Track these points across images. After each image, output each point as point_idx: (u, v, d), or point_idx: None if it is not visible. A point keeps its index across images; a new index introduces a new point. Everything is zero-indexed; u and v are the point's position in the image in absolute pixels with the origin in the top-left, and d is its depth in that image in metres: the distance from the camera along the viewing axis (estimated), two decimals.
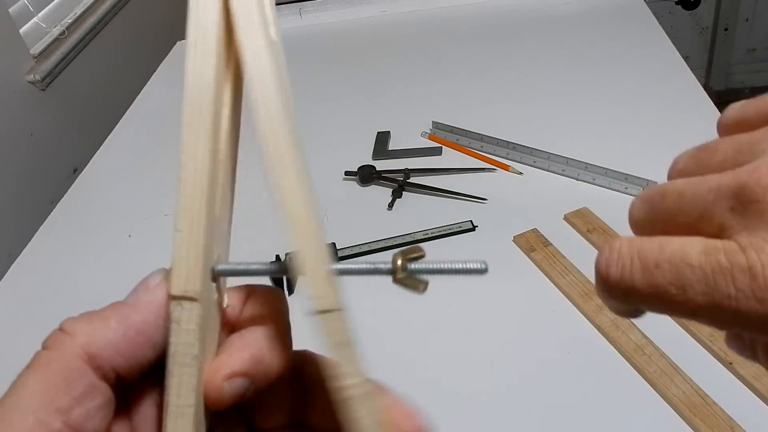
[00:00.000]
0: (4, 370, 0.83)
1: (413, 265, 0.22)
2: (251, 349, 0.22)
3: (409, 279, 0.22)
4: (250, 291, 0.24)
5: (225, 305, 0.24)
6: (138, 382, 0.22)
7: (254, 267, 0.23)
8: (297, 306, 0.23)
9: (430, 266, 0.22)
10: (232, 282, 0.24)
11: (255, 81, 0.21)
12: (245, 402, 0.22)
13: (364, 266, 0.23)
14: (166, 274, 0.22)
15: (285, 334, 0.23)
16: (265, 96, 0.21)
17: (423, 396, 0.68)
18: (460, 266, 0.22)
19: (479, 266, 0.22)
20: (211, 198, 0.21)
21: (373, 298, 0.65)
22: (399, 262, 0.21)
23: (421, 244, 0.77)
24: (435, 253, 0.76)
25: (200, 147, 0.21)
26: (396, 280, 0.21)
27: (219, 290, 0.23)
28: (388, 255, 0.47)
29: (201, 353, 0.21)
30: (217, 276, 0.23)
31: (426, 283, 0.22)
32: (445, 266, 0.22)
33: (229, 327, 0.24)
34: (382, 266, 0.22)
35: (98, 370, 0.21)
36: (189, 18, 0.21)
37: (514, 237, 0.75)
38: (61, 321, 0.23)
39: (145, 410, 0.23)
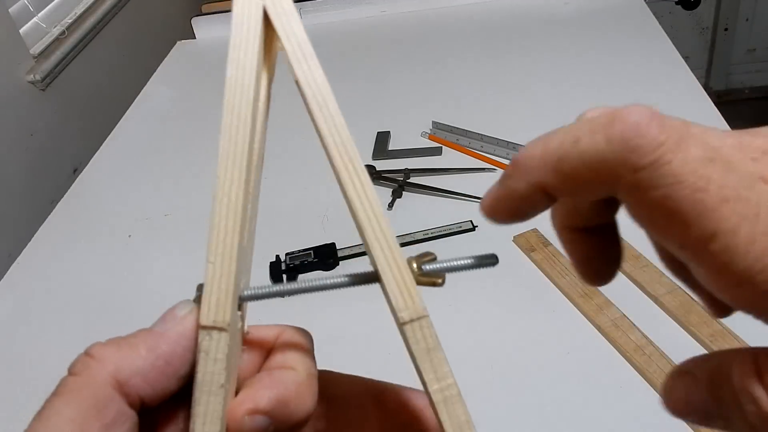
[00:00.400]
0: (5, 369, 0.83)
1: (428, 267, 0.23)
2: (278, 389, 0.22)
3: (427, 278, 0.23)
4: (281, 331, 0.24)
5: (245, 331, 0.24)
6: (159, 408, 0.23)
7: (276, 289, 0.23)
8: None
9: (444, 265, 0.23)
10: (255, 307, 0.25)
11: (317, 112, 0.23)
12: None
13: (348, 280, 0.24)
14: (194, 305, 0.22)
15: (314, 381, 0.23)
16: (330, 121, 0.23)
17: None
18: (472, 261, 0.23)
19: (490, 260, 0.23)
20: (243, 229, 0.22)
21: (373, 299, 0.65)
22: (414, 265, 0.22)
23: (422, 244, 0.77)
24: (435, 252, 0.76)
25: (235, 180, 0.22)
26: (417, 281, 0.22)
27: (242, 317, 0.24)
28: None
29: (227, 381, 0.21)
30: (241, 303, 0.23)
31: (443, 276, 0.23)
32: (458, 263, 0.23)
33: (258, 365, 0.24)
34: (369, 273, 0.23)
35: (126, 397, 0.21)
36: (230, 51, 0.22)
37: (514, 237, 0.75)
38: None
39: None
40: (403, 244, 0.77)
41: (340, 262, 0.76)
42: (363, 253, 0.76)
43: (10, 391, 0.68)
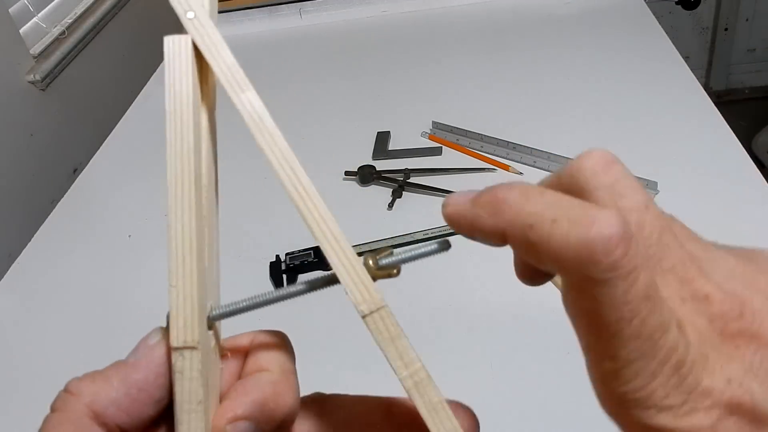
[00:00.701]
0: (5, 369, 0.83)
1: (384, 261, 0.24)
2: (254, 394, 0.23)
3: (382, 271, 0.24)
4: (253, 337, 0.25)
5: (222, 347, 0.25)
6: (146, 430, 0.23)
7: (243, 304, 0.24)
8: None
9: (398, 257, 0.24)
10: (231, 325, 0.25)
11: (257, 131, 0.23)
12: None
13: (301, 288, 0.25)
14: (164, 331, 0.23)
15: (289, 376, 0.24)
16: (269, 137, 0.23)
17: None
18: (425, 250, 0.25)
19: (443, 245, 0.25)
20: (201, 251, 0.23)
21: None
22: (370, 261, 0.24)
23: (421, 245, 0.77)
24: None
25: (185, 206, 0.23)
26: (373, 276, 0.23)
27: (216, 336, 0.25)
28: None
29: (206, 398, 0.22)
30: (211, 323, 0.24)
31: (399, 268, 0.24)
32: (412, 254, 0.24)
33: (236, 375, 0.25)
34: (325, 276, 0.24)
35: (104, 426, 0.22)
36: (166, 87, 0.24)
37: None
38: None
39: None
40: (403, 244, 0.77)
41: None
42: (363, 253, 0.76)
43: (10, 391, 0.68)
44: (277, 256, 0.77)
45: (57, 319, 0.76)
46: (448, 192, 0.84)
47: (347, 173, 0.90)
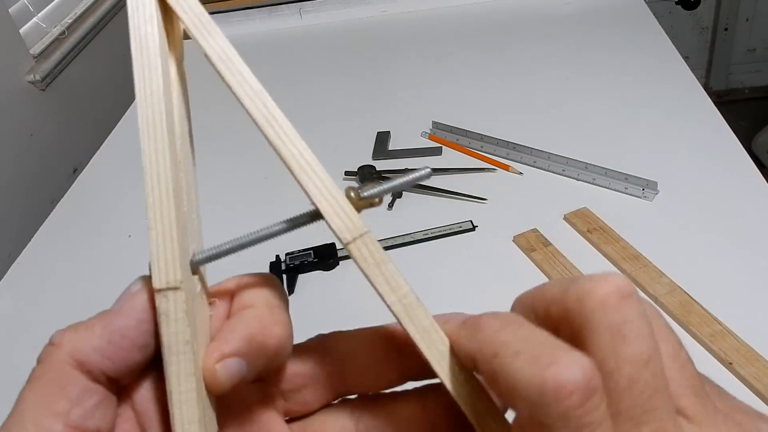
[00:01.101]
0: (5, 369, 0.83)
1: (366, 192, 0.23)
2: (240, 329, 0.23)
3: (364, 201, 0.24)
4: (239, 280, 0.25)
5: (209, 294, 0.25)
6: (139, 380, 0.24)
7: (226, 247, 0.24)
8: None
9: (381, 188, 0.24)
10: (217, 270, 0.25)
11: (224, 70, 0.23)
12: (282, 389, 0.24)
13: (280, 227, 0.24)
14: (146, 280, 0.23)
15: (275, 310, 0.24)
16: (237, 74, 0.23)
17: None
18: (407, 179, 0.24)
19: (423, 172, 0.24)
20: (178, 195, 0.23)
21: (372, 301, 0.64)
22: (352, 194, 0.23)
23: (421, 244, 0.77)
24: (435, 252, 0.76)
25: (159, 149, 0.23)
26: (356, 206, 0.23)
27: (202, 281, 0.25)
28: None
29: (193, 338, 0.22)
30: (196, 267, 0.24)
31: (381, 197, 0.24)
32: (394, 183, 0.24)
33: (225, 319, 0.25)
34: (304, 215, 0.24)
35: (88, 374, 0.22)
36: (131, 34, 0.24)
37: (514, 237, 0.75)
38: (61, 321, 0.24)
39: (148, 406, 0.24)
40: (403, 245, 0.77)
41: (340, 262, 0.76)
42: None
43: (10, 392, 0.68)
44: (277, 256, 0.77)
45: (57, 319, 0.76)
46: (448, 192, 0.84)
47: (347, 173, 0.90)
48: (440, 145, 0.94)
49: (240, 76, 0.23)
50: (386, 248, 0.76)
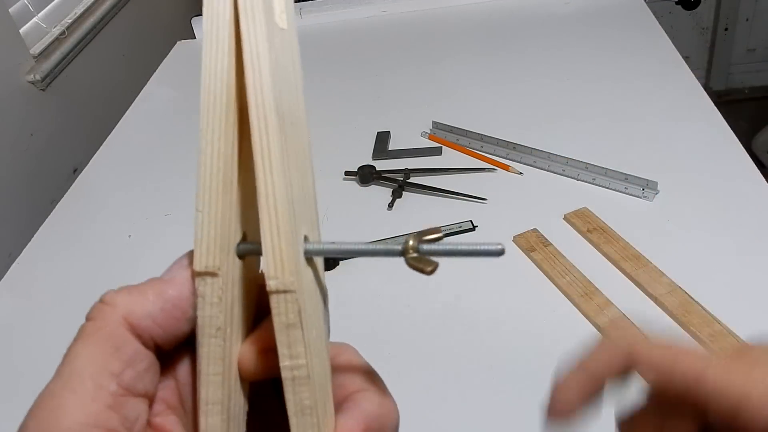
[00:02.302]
0: (6, 369, 0.83)
1: (426, 247, 0.22)
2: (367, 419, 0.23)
3: (418, 260, 0.22)
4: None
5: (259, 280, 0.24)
6: (181, 349, 0.24)
7: (332, 248, 0.23)
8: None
9: (444, 247, 0.22)
10: None
11: (249, 68, 0.22)
12: None
13: (376, 247, 0.23)
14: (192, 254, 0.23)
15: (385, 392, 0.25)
16: (258, 84, 0.22)
17: (422, 397, 0.67)
18: (476, 248, 0.22)
19: (495, 248, 0.21)
20: (230, 178, 0.22)
21: (372, 301, 0.64)
22: (411, 242, 0.21)
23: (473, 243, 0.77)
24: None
25: (216, 131, 0.22)
26: (407, 261, 0.22)
27: (250, 268, 0.24)
28: None
29: (225, 325, 0.22)
30: (243, 255, 0.23)
31: (435, 265, 0.22)
32: (461, 247, 0.22)
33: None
34: (395, 247, 0.22)
35: (139, 338, 0.22)
36: (204, 9, 0.22)
37: (514, 237, 0.75)
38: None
39: (189, 379, 0.24)
40: None
41: (340, 262, 0.76)
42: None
43: (10, 392, 0.68)
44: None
45: (57, 319, 0.76)
46: (448, 192, 0.84)
47: (347, 173, 0.90)
48: (440, 145, 0.94)
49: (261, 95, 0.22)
50: None
